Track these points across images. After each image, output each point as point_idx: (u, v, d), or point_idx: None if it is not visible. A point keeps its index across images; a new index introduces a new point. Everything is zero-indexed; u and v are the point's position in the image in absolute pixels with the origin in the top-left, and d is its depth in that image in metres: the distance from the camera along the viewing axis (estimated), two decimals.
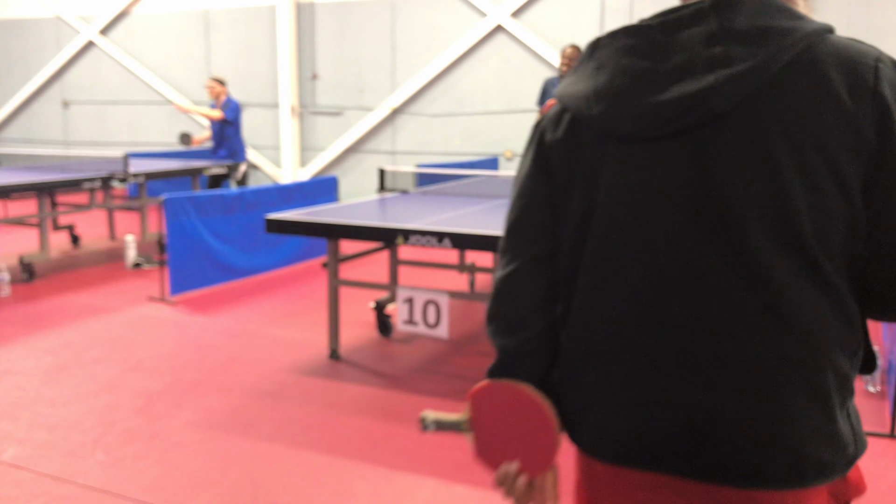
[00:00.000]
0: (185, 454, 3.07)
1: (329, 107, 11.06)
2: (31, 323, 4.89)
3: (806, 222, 0.97)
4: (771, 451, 0.99)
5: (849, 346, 1.02)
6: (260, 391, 3.75)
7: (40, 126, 13.29)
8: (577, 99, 1.10)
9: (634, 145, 1.05)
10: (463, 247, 3.55)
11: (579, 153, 1.10)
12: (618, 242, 1.06)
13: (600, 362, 1.09)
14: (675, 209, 1.02)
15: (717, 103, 0.98)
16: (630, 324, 1.06)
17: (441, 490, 2.80)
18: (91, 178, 6.27)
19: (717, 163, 1.00)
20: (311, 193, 6.70)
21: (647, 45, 1.05)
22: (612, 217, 1.06)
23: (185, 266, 5.50)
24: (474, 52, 10.06)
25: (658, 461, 1.05)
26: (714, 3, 1.03)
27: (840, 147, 0.96)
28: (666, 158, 1.02)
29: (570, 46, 6.58)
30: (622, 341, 1.06)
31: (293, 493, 2.76)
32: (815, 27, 1.01)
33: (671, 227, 1.02)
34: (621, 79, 1.06)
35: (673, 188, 1.02)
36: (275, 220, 4.02)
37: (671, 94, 1.01)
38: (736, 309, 0.99)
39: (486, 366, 1.21)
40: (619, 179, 1.06)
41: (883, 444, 3.18)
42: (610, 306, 1.08)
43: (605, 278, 1.08)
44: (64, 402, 3.58)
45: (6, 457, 3.02)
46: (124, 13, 12.14)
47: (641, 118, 1.03)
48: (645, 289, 1.04)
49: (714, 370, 1.00)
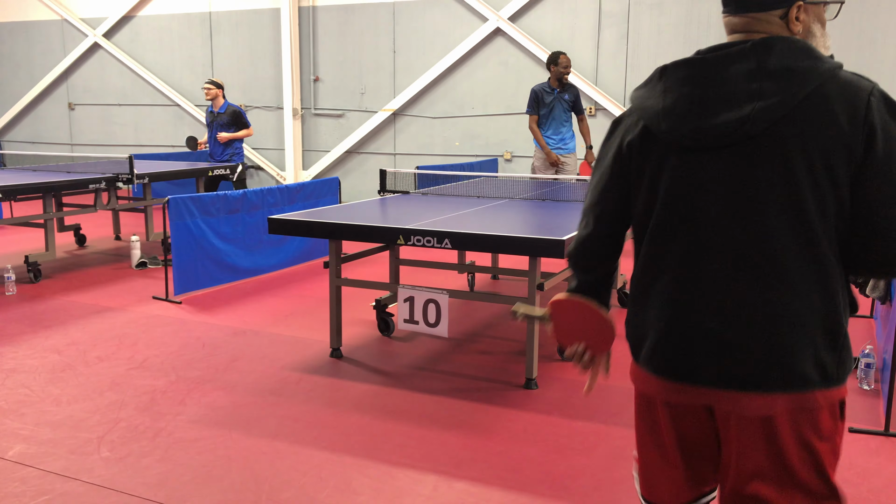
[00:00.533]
0: (188, 451, 3.11)
1: (331, 109, 11.11)
2: (36, 322, 4.94)
3: (811, 209, 1.40)
4: (768, 367, 1.44)
5: (832, 298, 1.43)
6: (263, 389, 3.79)
7: (46, 128, 13.37)
8: (650, 113, 1.52)
9: (690, 153, 1.48)
10: (463, 247, 3.59)
11: (649, 154, 1.54)
12: (673, 220, 1.50)
13: (655, 303, 1.55)
14: (715, 199, 1.45)
15: (751, 128, 1.40)
16: (678, 277, 1.50)
17: (441, 486, 2.83)
18: (96, 179, 6.32)
19: (749, 168, 1.42)
20: (313, 194, 6.75)
21: (702, 77, 1.47)
22: (671, 203, 1.50)
23: (189, 266, 5.55)
24: (474, 56, 10.10)
25: (693, 375, 1.50)
26: (753, 45, 1.44)
27: (837, 159, 1.39)
28: (711, 164, 1.46)
29: (564, 55, 6.77)
30: (670, 289, 1.52)
31: (296, 490, 2.80)
32: (828, 66, 1.41)
33: (711, 212, 1.46)
34: (682, 103, 1.47)
35: (715, 184, 1.45)
36: (278, 221, 4.06)
37: (719, 119, 1.43)
38: (753, 269, 1.43)
39: (486, 364, 1.50)
40: (677, 176, 1.49)
41: (877, 442, 3.21)
42: (664, 264, 1.53)
43: (662, 244, 1.53)
44: (69, 400, 3.63)
45: (12, 454, 3.07)
46: (129, 16, 12.21)
47: (697, 136, 1.45)
48: (689, 253, 1.49)
49: (733, 312, 1.45)
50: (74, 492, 2.77)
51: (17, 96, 13.43)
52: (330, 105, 11.08)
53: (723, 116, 1.42)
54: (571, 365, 4.17)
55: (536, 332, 3.80)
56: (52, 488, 2.79)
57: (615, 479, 2.89)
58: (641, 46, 9.21)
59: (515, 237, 3.49)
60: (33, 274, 6.05)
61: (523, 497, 2.75)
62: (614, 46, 9.33)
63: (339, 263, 4.20)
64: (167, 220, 5.99)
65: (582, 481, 2.87)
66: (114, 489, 2.79)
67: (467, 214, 4.25)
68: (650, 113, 1.52)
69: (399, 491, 2.79)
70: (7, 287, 5.68)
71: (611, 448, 3.15)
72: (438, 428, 3.34)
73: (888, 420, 3.30)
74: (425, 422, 3.40)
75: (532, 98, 6.85)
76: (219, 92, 7.92)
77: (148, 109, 12.33)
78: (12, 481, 2.84)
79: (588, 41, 9.43)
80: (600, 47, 9.39)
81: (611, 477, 2.91)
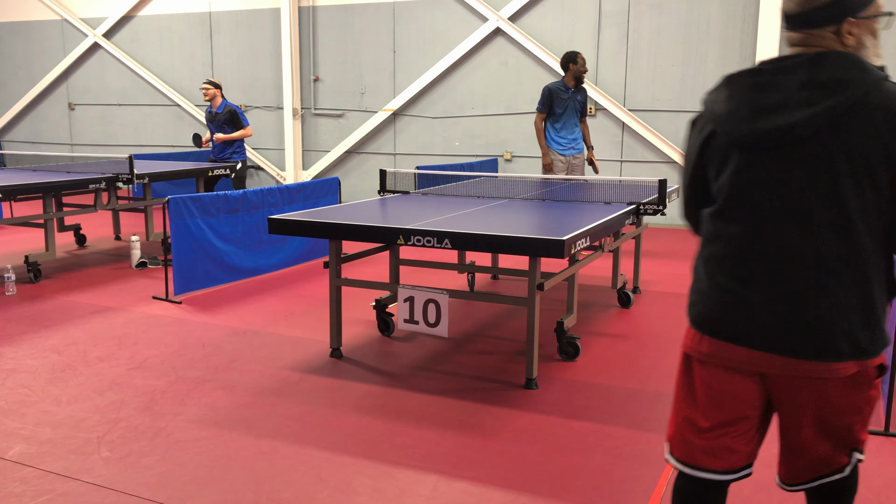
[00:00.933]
0: (188, 451, 3.11)
1: (331, 109, 11.11)
2: (36, 322, 4.95)
3: (851, 207, 1.61)
4: (808, 339, 1.67)
5: (867, 284, 1.65)
6: (263, 389, 3.79)
7: (46, 128, 13.37)
8: (716, 116, 1.77)
9: (748, 152, 1.71)
10: (463, 247, 3.59)
11: (716, 151, 1.79)
12: (734, 208, 1.74)
13: (715, 277, 1.78)
14: (768, 194, 1.68)
15: (800, 132, 1.62)
16: (735, 256, 1.74)
17: (441, 486, 2.83)
18: (96, 179, 6.33)
19: (796, 168, 1.64)
20: (313, 194, 6.75)
21: (760, 85, 1.70)
22: (733, 194, 1.74)
23: (189, 266, 5.56)
24: (474, 56, 10.10)
25: (745, 340, 1.73)
26: (808, 58, 1.65)
27: (877, 163, 1.59)
28: (765, 163, 1.68)
29: (581, 54, 6.83)
30: (728, 266, 1.75)
31: (295, 490, 2.80)
32: (874, 77, 1.60)
33: (765, 204, 1.69)
34: (742, 109, 1.71)
35: (767, 181, 1.68)
36: (278, 221, 4.06)
37: (773, 123, 1.65)
38: (798, 256, 1.66)
39: (486, 364, 1.54)
40: (737, 171, 1.73)
41: (878, 442, 3.21)
42: (725, 244, 1.76)
43: (724, 227, 1.77)
44: (69, 400, 3.63)
45: (12, 454, 3.07)
46: (129, 16, 12.21)
47: (752, 138, 1.68)
48: (745, 237, 1.72)
49: (779, 288, 1.68)
50: (74, 492, 2.77)
51: (17, 96, 13.43)
52: (330, 105, 11.08)
53: (775, 121, 1.64)
54: (571, 365, 4.18)
55: (536, 332, 3.80)
56: (52, 488, 2.79)
57: (615, 480, 2.89)
58: (641, 46, 9.21)
59: (515, 237, 3.49)
60: (33, 274, 6.06)
61: (523, 497, 2.75)
62: (614, 46, 9.33)
63: (339, 263, 4.20)
64: (167, 220, 5.99)
65: (582, 481, 2.87)
66: (114, 489, 2.79)
67: (467, 214, 4.25)
68: (716, 116, 1.77)
69: (399, 491, 2.79)
70: (7, 287, 5.68)
71: (611, 448, 3.15)
72: (438, 428, 3.34)
73: (888, 420, 3.30)
74: (425, 422, 3.40)
75: (545, 96, 6.80)
76: (217, 92, 7.92)
77: (148, 109, 12.33)
78: (12, 481, 2.84)
79: (588, 41, 9.42)
80: (600, 47, 9.39)
81: (611, 477, 2.91)
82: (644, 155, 9.37)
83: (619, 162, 9.51)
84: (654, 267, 6.80)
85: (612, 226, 4.19)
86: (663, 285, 6.09)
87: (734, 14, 8.72)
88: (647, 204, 4.76)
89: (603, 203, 4.80)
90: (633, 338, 4.68)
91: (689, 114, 9.08)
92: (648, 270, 6.64)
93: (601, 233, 3.93)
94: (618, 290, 5.38)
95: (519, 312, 5.22)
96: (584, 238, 3.66)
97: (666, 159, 9.26)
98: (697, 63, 8.97)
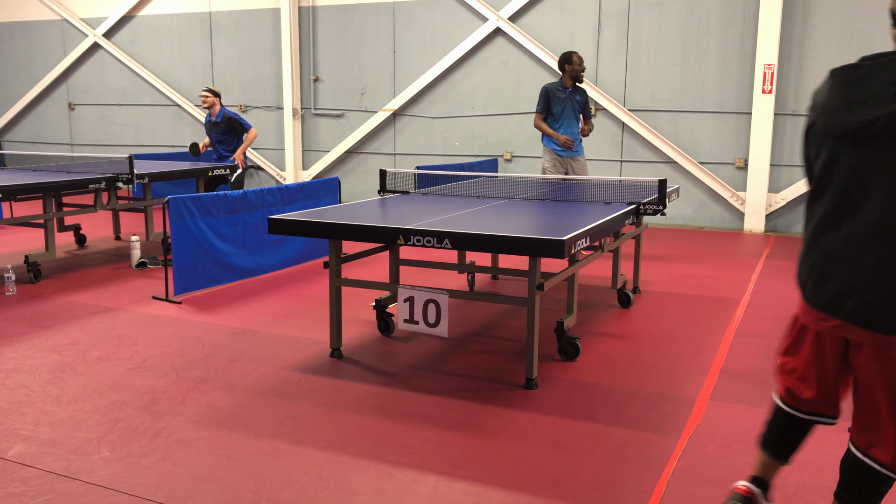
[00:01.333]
0: (188, 451, 3.11)
1: (331, 109, 11.11)
2: (36, 322, 4.95)
3: None
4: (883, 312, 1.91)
5: None
6: (263, 389, 3.79)
7: (46, 128, 13.37)
8: (817, 109, 2.00)
9: (839, 142, 1.94)
10: (463, 247, 3.59)
11: (817, 140, 2.02)
12: (826, 192, 2.00)
13: (814, 253, 2.07)
14: (852, 180, 1.92)
15: (883, 126, 1.82)
16: (827, 233, 2.01)
17: (441, 486, 2.83)
18: (96, 179, 6.33)
19: (874, 158, 1.86)
20: (313, 194, 6.75)
21: (855, 80, 1.89)
22: (825, 179, 2.00)
23: (189, 266, 5.56)
24: (474, 56, 10.11)
25: (834, 309, 2.02)
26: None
27: None
28: (852, 152, 1.91)
29: (577, 54, 6.81)
30: (824, 243, 2.03)
31: (295, 490, 2.80)
32: None
33: (849, 189, 1.93)
34: (837, 102, 1.93)
35: (851, 168, 1.91)
36: (278, 221, 4.06)
37: (860, 116, 1.86)
38: (878, 236, 1.88)
39: (486, 364, 1.50)
40: (829, 159, 1.98)
41: None
42: (820, 223, 2.03)
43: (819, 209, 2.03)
44: (69, 400, 3.63)
45: (12, 454, 3.07)
46: (129, 16, 12.22)
47: (842, 129, 1.91)
48: (835, 216, 1.99)
49: (862, 265, 1.92)
50: (75, 492, 2.77)
51: (17, 96, 13.43)
52: (330, 105, 11.08)
53: (862, 115, 1.84)
54: (571, 365, 4.18)
55: (536, 332, 3.80)
56: (52, 488, 2.79)
57: (615, 480, 2.89)
58: (641, 46, 9.21)
59: (515, 237, 3.49)
60: (33, 274, 6.06)
61: (523, 497, 2.75)
62: (614, 46, 9.33)
63: (339, 263, 4.20)
64: (167, 220, 5.99)
65: (582, 481, 2.87)
66: (114, 489, 2.79)
67: (467, 214, 4.25)
68: (818, 108, 2.01)
69: (399, 491, 2.79)
70: (7, 287, 5.68)
71: (611, 448, 3.15)
72: (438, 428, 3.34)
73: None
74: (425, 422, 3.40)
75: (542, 96, 6.81)
76: (216, 100, 7.92)
77: (148, 109, 12.33)
78: (12, 481, 2.84)
79: (588, 41, 9.43)
80: (600, 47, 9.39)
81: (611, 477, 2.91)
82: (644, 155, 9.37)
83: (619, 162, 9.52)
84: (654, 267, 6.80)
85: (612, 226, 4.19)
86: (663, 285, 6.09)
87: (734, 14, 8.72)
88: (646, 204, 4.76)
89: (603, 203, 4.80)
90: (633, 338, 4.68)
91: (689, 114, 9.09)
92: (648, 270, 6.64)
93: (601, 233, 3.94)
94: (618, 291, 5.38)
95: (519, 312, 5.22)
96: (584, 238, 3.66)
97: (666, 159, 9.26)
98: (697, 63, 8.97)
